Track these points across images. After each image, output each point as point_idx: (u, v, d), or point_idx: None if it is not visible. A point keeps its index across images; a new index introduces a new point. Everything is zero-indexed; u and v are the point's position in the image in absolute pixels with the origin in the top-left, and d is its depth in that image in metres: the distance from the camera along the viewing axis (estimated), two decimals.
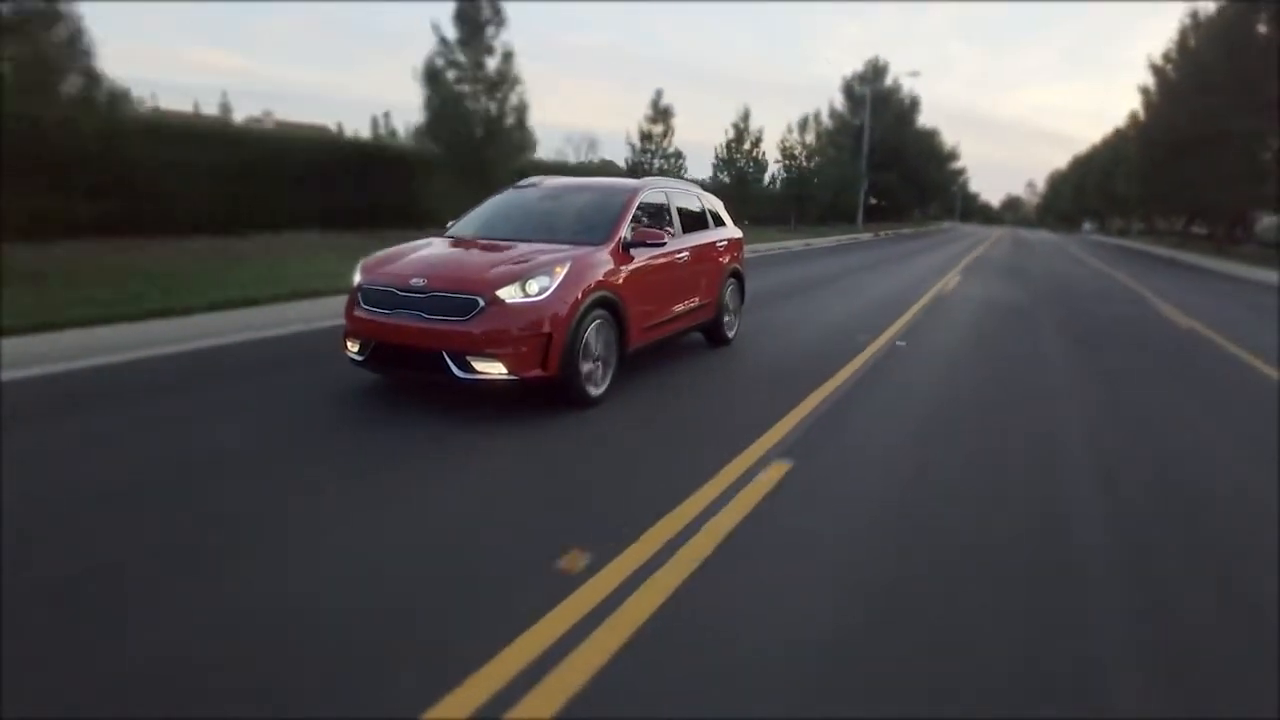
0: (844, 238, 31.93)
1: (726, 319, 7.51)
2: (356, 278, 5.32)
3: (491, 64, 17.43)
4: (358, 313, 5.15)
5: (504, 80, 17.59)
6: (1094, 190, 72.88)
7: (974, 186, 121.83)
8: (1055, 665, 2.57)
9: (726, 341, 7.56)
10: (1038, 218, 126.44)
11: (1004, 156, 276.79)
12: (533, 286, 4.86)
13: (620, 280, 5.51)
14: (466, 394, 5.14)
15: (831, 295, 12.30)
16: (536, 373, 4.84)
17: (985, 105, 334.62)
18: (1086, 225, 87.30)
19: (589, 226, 5.82)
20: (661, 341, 6.44)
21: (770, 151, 31.07)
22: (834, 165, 39.88)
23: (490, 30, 17.24)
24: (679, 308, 6.48)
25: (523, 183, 6.97)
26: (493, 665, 2.38)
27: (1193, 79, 37.20)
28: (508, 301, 4.80)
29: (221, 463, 3.96)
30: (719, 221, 7.69)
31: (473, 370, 4.76)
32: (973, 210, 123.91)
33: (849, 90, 53.98)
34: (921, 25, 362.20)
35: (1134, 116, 49.58)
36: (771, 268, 16.37)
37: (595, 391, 5.23)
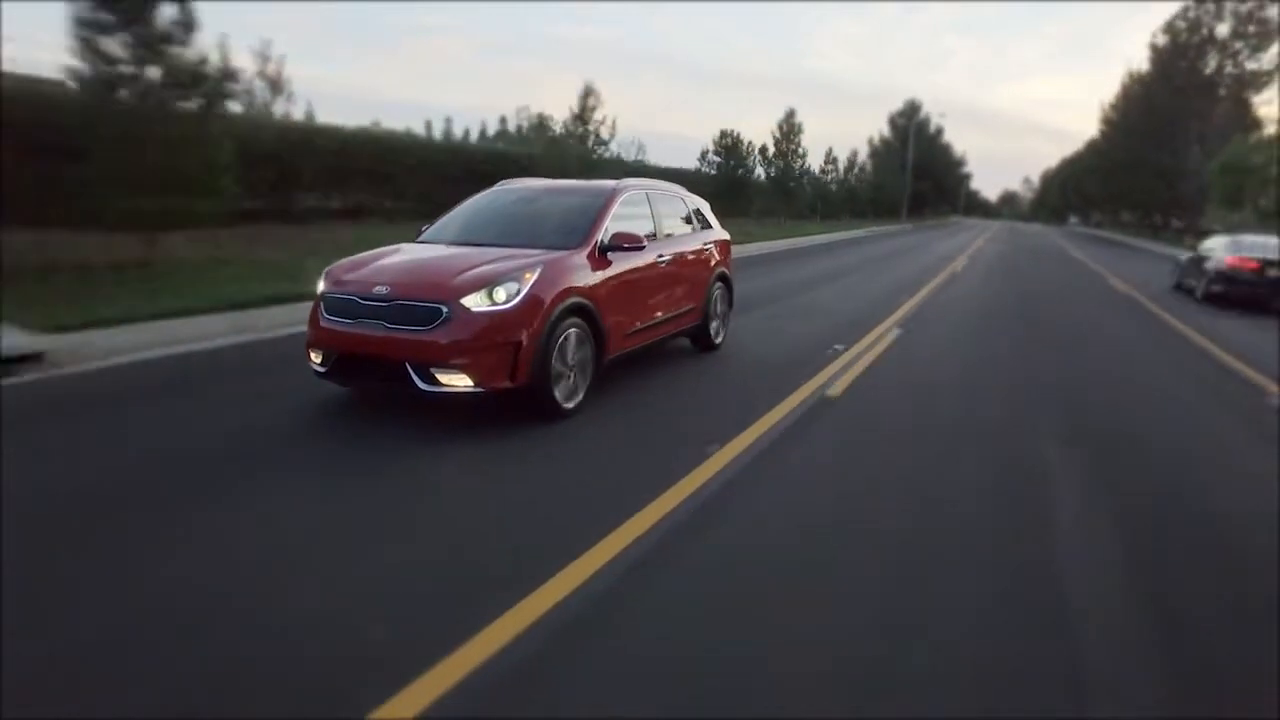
0: (897, 226, 49.55)
1: (713, 324, 7.26)
2: (320, 285, 5.10)
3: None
4: (321, 322, 4.93)
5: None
6: (1076, 189, 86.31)
7: (973, 183, 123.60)
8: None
9: (714, 347, 7.32)
10: (1031, 212, 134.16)
11: (1002, 151, 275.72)
12: (499, 294, 4.62)
13: (597, 286, 5.28)
14: (432, 407, 4.92)
15: (934, 246, 28.74)
16: (504, 384, 4.61)
17: (983, 99, 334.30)
18: (1072, 219, 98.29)
19: (565, 230, 5.58)
20: (647, 347, 6.22)
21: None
22: (888, 181, 59.66)
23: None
24: (662, 314, 6.24)
25: (500, 185, 6.74)
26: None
27: (1126, 120, 58.17)
28: (473, 309, 4.56)
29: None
30: (705, 223, 7.46)
31: (437, 382, 4.53)
32: (973, 206, 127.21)
33: (892, 122, 74.18)
34: (918, 20, 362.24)
35: (1093, 141, 71.73)
36: (879, 241, 30.34)
37: (569, 403, 4.99)
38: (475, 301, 4.58)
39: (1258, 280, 13.57)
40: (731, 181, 29.65)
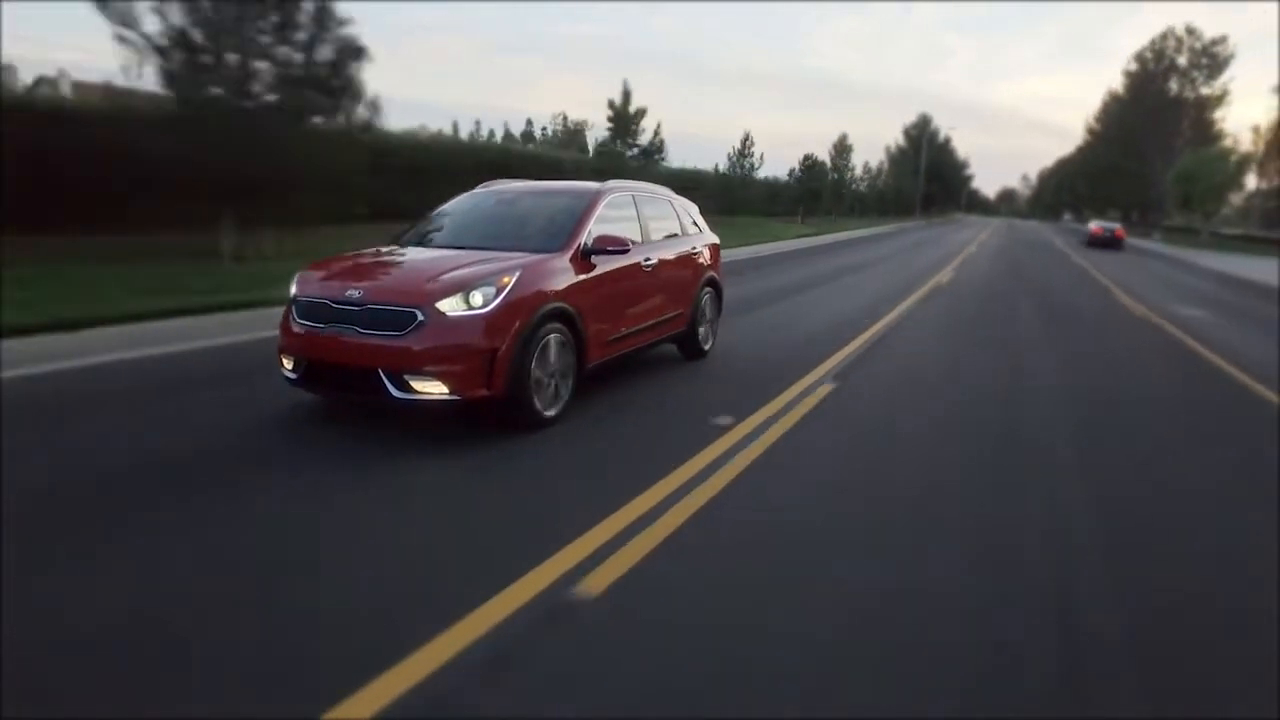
0: (914, 223, 58.43)
1: (701, 330, 7.10)
2: (292, 289, 4.93)
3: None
4: (292, 327, 4.77)
5: None
6: (1069, 189, 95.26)
7: (973, 182, 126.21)
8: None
9: (702, 354, 7.15)
10: (1029, 209, 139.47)
11: (1001, 148, 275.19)
12: (476, 298, 4.46)
13: (578, 291, 5.12)
14: (406, 414, 4.76)
15: (948, 238, 38.34)
16: (481, 392, 4.44)
17: (982, 97, 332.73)
18: (1066, 216, 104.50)
19: (546, 233, 5.42)
20: (631, 354, 6.06)
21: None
22: (904, 185, 72.26)
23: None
24: (647, 320, 6.08)
25: (483, 186, 6.58)
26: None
27: (1106, 131, 71.62)
28: (448, 314, 4.40)
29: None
30: (695, 227, 7.30)
31: (411, 390, 4.36)
32: (974, 204, 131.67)
33: (906, 133, 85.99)
34: (917, 19, 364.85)
35: (1079, 148, 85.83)
36: (906, 235, 39.30)
37: (549, 412, 4.83)
38: (451, 306, 4.42)
39: (1100, 236, 37.15)
40: (810, 191, 45.86)
